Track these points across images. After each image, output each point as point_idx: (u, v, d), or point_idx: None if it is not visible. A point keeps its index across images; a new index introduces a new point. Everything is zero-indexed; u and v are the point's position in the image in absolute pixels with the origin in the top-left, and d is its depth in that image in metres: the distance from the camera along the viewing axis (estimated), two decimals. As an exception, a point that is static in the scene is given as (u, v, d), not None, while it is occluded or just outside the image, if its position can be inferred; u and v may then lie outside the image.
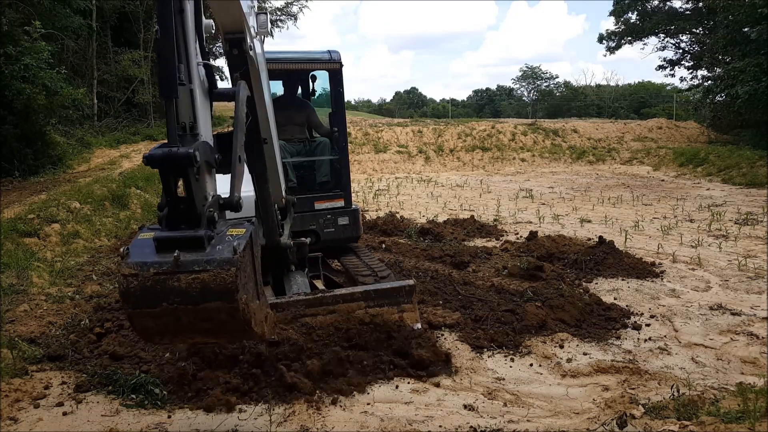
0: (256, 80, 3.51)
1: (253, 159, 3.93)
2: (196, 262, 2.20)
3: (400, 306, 4.67)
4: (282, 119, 6.03)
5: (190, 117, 2.38)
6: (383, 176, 19.33)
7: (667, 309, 5.69)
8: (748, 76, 18.36)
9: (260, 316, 2.51)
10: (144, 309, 2.23)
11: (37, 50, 12.65)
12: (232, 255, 2.22)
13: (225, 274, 2.19)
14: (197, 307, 2.21)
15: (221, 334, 2.43)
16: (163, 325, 2.28)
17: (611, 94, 48.78)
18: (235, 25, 3.09)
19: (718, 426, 3.08)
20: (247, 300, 2.31)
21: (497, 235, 9.40)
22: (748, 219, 10.25)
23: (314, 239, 5.78)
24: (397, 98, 76.11)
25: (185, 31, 2.32)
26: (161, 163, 2.19)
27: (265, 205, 4.36)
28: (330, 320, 4.39)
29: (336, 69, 5.89)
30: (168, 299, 2.20)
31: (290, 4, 32.44)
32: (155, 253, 2.24)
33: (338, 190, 6.05)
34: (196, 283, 2.19)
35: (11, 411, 3.68)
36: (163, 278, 2.19)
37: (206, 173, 2.40)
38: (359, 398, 3.86)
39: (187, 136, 2.35)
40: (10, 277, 6.15)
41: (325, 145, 6.15)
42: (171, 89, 2.22)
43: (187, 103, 2.37)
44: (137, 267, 2.21)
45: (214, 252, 2.24)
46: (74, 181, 11.99)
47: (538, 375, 4.31)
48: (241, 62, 3.23)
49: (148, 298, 2.20)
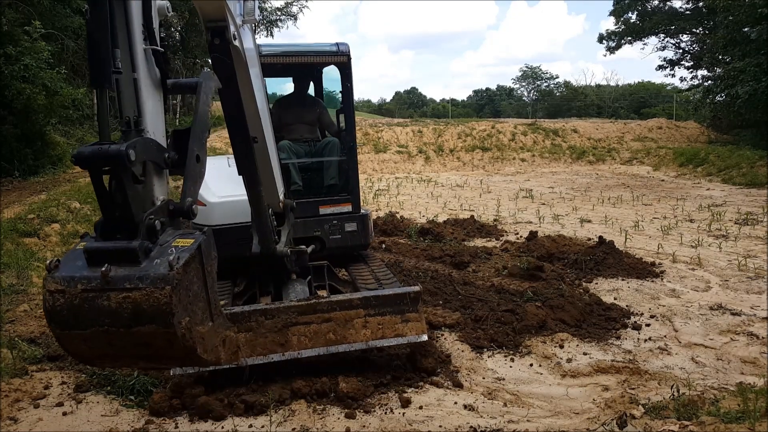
0: (244, 74, 3.18)
1: (242, 159, 3.65)
2: (128, 278, 1.86)
3: (404, 315, 4.16)
4: (291, 118, 5.81)
5: (134, 110, 2.08)
6: (383, 176, 19.33)
7: (667, 309, 5.69)
8: (748, 76, 18.36)
9: (213, 341, 2.15)
10: (73, 331, 1.90)
11: (37, 50, 12.63)
12: (167, 271, 1.86)
13: (159, 293, 1.84)
14: (130, 331, 1.87)
15: (162, 360, 2.09)
16: (97, 349, 1.96)
17: (611, 94, 48.79)
18: (215, 11, 2.73)
19: (718, 426, 3.08)
20: (190, 323, 1.96)
21: (497, 235, 9.40)
22: (748, 219, 10.25)
23: (319, 246, 5.34)
24: (397, 98, 76.12)
25: (127, 10, 2.02)
26: (89, 163, 1.87)
27: (258, 210, 3.98)
28: (326, 329, 3.99)
29: (344, 62, 5.40)
30: (98, 321, 1.86)
31: (290, 4, 32.43)
32: (86, 267, 1.91)
33: (345, 193, 5.58)
34: (127, 303, 1.85)
35: (11, 411, 3.68)
36: (91, 296, 1.86)
37: (154, 175, 2.12)
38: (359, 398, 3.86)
39: (131, 132, 2.06)
40: (10, 277, 6.15)
41: (334, 145, 5.67)
42: (103, 77, 1.93)
43: (131, 94, 2.08)
44: (64, 282, 1.87)
45: (150, 267, 1.88)
46: (74, 181, 11.98)
47: (538, 375, 4.31)
48: (224, 54, 2.87)
49: (76, 319, 1.87)
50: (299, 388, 3.84)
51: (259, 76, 3.61)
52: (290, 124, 5.82)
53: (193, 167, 2.22)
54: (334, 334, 4.01)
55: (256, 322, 3.89)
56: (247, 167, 3.68)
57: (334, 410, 3.71)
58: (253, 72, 3.37)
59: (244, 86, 3.24)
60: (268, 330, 3.90)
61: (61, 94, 13.28)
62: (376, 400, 3.84)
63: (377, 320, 4.10)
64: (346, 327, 4.04)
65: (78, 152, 1.88)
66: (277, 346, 3.89)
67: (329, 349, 4.00)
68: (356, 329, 4.05)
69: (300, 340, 3.95)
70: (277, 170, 4.17)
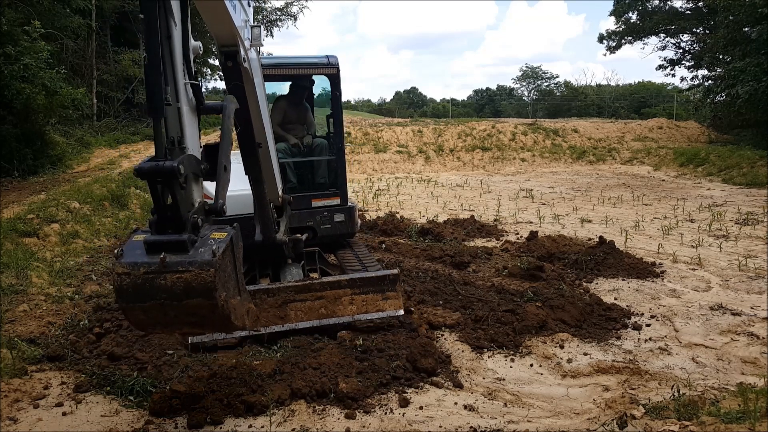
0: (251, 89, 3.77)
1: (249, 162, 4.25)
2: (180, 263, 2.42)
3: (384, 294, 4.90)
4: (296, 116, 6.58)
5: (177, 132, 2.59)
6: (383, 176, 19.32)
7: (668, 309, 5.69)
8: (749, 76, 18.35)
9: (241, 311, 2.76)
10: (136, 304, 2.45)
11: (36, 50, 12.62)
12: (211, 257, 2.43)
13: (205, 274, 2.41)
14: (181, 303, 2.44)
15: (205, 326, 2.68)
16: (153, 318, 2.51)
17: (611, 93, 48.80)
18: (229, 38, 3.31)
19: (718, 426, 3.07)
20: (227, 297, 2.54)
21: (497, 235, 9.39)
22: (748, 219, 10.25)
23: (311, 235, 6.03)
24: (397, 98, 76.13)
25: (172, 54, 2.55)
26: (149, 175, 2.42)
27: (261, 204, 4.64)
28: (318, 305, 4.72)
29: (333, 74, 6.08)
30: (156, 296, 2.43)
31: (290, 4, 32.44)
32: (145, 255, 2.45)
33: (334, 189, 6.30)
34: (180, 282, 2.41)
35: (11, 411, 3.67)
36: (151, 277, 2.41)
37: (193, 182, 2.61)
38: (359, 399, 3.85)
39: (175, 150, 2.58)
40: (9, 277, 6.15)
41: (324, 147, 6.42)
42: (157, 109, 2.47)
43: (175, 120, 2.58)
44: (129, 266, 2.43)
45: (196, 254, 2.45)
46: (74, 181, 11.97)
47: (539, 375, 4.30)
48: (235, 74, 3.49)
49: (139, 294, 2.43)
50: (299, 388, 3.84)
51: (261, 87, 4.14)
52: (292, 123, 6.54)
53: (222, 175, 2.81)
54: (326, 309, 4.74)
55: (260, 299, 4.52)
56: (253, 169, 4.33)
57: (334, 410, 3.71)
58: (258, 87, 3.95)
59: (251, 99, 3.83)
60: (270, 306, 4.58)
61: (61, 93, 13.28)
62: (376, 400, 3.84)
63: (361, 298, 4.85)
64: (335, 303, 4.77)
65: (139, 167, 2.41)
66: (277, 319, 4.58)
67: (321, 321, 4.72)
68: (344, 305, 4.80)
69: (297, 314, 4.66)
70: (277, 170, 4.73)
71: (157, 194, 2.47)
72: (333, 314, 4.75)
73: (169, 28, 2.52)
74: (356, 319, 4.78)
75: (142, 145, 20.81)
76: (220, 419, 3.57)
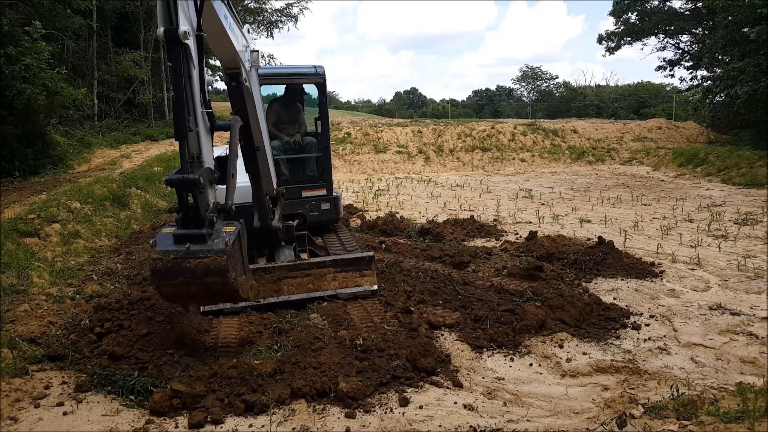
0: (251, 102, 4.68)
1: (249, 162, 5.15)
2: (201, 251, 3.25)
3: (361, 272, 5.68)
4: (289, 116, 7.49)
5: (197, 150, 3.36)
6: (383, 176, 19.32)
7: (667, 309, 5.70)
8: (748, 77, 18.36)
9: (246, 286, 3.68)
10: (167, 281, 3.29)
11: (37, 50, 12.63)
12: (224, 247, 3.28)
13: (219, 259, 3.25)
14: (201, 281, 3.26)
15: (218, 298, 3.62)
16: (180, 292, 3.37)
17: (611, 94, 48.85)
18: (231, 61, 4.26)
19: (717, 426, 3.08)
20: (236, 276, 3.41)
21: (497, 235, 9.40)
22: (747, 219, 10.26)
23: (302, 221, 6.99)
24: (396, 98, 76.20)
25: (192, 90, 3.27)
26: (177, 185, 3.24)
27: (259, 196, 5.53)
28: (307, 281, 5.53)
29: (320, 82, 7.01)
30: (182, 275, 3.25)
31: (290, 5, 32.45)
32: (174, 244, 3.27)
33: (321, 181, 7.33)
34: (201, 265, 3.24)
35: (11, 411, 3.68)
36: (179, 261, 3.23)
37: (208, 188, 3.39)
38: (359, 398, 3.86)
39: (195, 163, 3.34)
40: (10, 277, 6.16)
41: (313, 144, 7.42)
42: (183, 135, 3.25)
43: (195, 141, 3.34)
44: (162, 253, 3.26)
45: (213, 244, 3.29)
46: (74, 181, 11.99)
47: (538, 375, 4.32)
48: (239, 94, 4.46)
49: (169, 274, 3.25)
50: (299, 387, 3.85)
51: (259, 96, 5.05)
52: (286, 122, 7.47)
53: (230, 182, 3.72)
54: (313, 285, 5.56)
55: (259, 276, 5.27)
56: (253, 167, 5.24)
57: (334, 410, 3.72)
58: (257, 101, 4.86)
59: (251, 110, 4.72)
60: (266, 282, 5.38)
61: (62, 94, 13.30)
62: (376, 399, 3.85)
63: (342, 275, 5.66)
64: (321, 279, 5.60)
65: (169, 179, 3.21)
66: (273, 292, 5.41)
67: (310, 294, 5.49)
68: (328, 281, 5.62)
69: (289, 288, 5.49)
70: (272, 167, 5.69)
71: (182, 198, 3.26)
72: (319, 288, 5.55)
73: (190, 70, 3.22)
74: (338, 293, 5.55)
75: (143, 145, 20.84)
76: (221, 418, 3.58)
